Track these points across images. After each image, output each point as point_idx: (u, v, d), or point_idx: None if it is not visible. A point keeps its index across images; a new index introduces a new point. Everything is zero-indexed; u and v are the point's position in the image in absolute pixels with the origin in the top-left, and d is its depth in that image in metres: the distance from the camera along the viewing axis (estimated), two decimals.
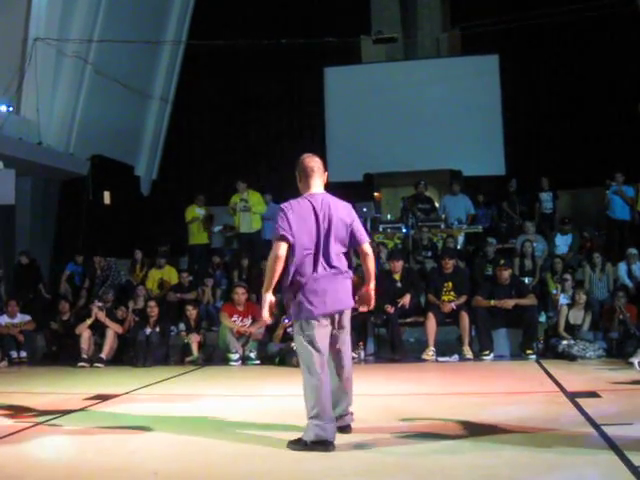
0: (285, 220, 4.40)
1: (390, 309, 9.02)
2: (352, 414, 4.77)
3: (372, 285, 4.67)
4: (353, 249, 4.82)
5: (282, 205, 4.51)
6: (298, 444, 4.32)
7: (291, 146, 17.00)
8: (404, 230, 12.70)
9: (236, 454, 4.32)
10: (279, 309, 9.81)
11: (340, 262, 4.55)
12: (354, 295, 4.70)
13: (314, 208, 4.46)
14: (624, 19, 13.77)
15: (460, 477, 3.69)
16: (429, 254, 12.36)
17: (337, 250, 4.53)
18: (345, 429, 4.67)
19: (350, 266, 4.85)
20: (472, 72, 16.18)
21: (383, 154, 15.88)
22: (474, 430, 4.72)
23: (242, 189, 12.68)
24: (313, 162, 4.59)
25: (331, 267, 4.47)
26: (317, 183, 4.58)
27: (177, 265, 12.63)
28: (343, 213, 4.56)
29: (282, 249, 4.38)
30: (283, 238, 4.38)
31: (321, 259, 4.45)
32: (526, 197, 13.56)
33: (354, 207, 4.80)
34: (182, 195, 14.77)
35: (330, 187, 4.74)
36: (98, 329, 9.60)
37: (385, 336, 9.38)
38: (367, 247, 4.66)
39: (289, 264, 4.45)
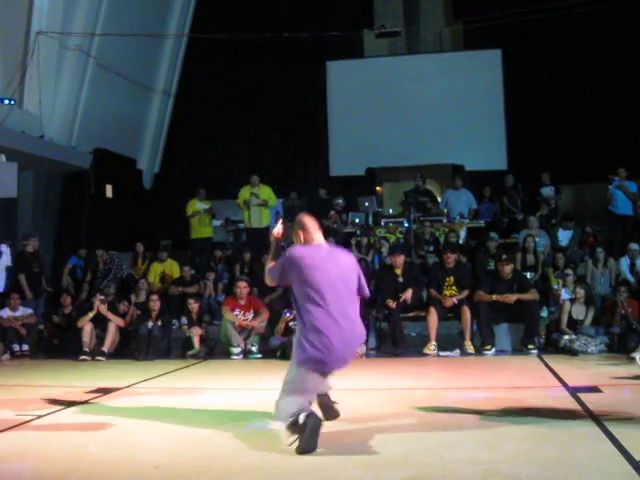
0: (279, 268, 4.56)
1: (392, 304, 9.01)
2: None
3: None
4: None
5: (288, 252, 4.57)
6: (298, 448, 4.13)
7: (293, 140, 17.03)
8: (406, 224, 12.69)
9: (237, 448, 4.32)
10: (281, 303, 9.86)
11: (354, 310, 4.56)
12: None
13: (323, 256, 4.54)
14: (627, 14, 13.74)
15: (461, 472, 3.68)
16: (431, 249, 12.37)
17: (350, 298, 4.55)
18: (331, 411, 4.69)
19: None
20: (474, 67, 16.17)
21: (385, 148, 15.88)
22: (475, 425, 4.72)
23: (255, 182, 12.62)
24: (313, 220, 4.76)
25: (343, 315, 4.42)
26: (318, 237, 4.71)
27: (179, 259, 12.64)
28: (350, 262, 4.68)
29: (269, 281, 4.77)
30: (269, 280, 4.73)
31: (332, 307, 4.39)
32: (525, 191, 13.56)
33: (356, 201, 4.82)
34: (184, 189, 14.77)
35: (332, 181, 4.78)
36: (100, 322, 9.60)
37: (387, 330, 9.38)
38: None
39: (297, 310, 4.52)
